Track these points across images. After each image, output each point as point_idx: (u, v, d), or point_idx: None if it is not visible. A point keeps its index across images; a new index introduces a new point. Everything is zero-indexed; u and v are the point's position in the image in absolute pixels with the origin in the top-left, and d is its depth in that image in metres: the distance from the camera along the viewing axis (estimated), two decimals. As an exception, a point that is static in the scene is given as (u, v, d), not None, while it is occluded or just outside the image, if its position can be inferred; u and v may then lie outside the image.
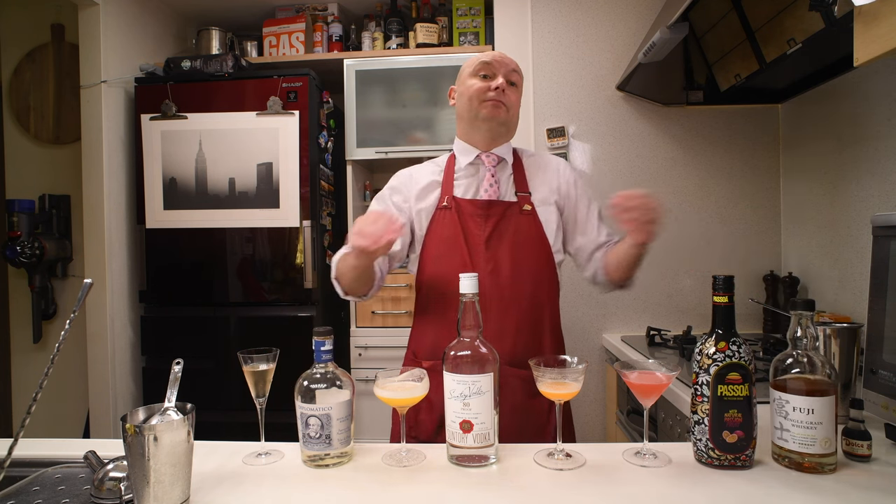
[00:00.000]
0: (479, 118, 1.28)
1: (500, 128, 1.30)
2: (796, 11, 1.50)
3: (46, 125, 2.80)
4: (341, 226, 2.67)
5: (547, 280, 1.29)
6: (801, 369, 0.89)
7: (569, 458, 0.94)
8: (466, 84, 1.30)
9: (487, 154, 1.31)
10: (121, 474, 0.83)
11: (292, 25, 2.64)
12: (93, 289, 2.03)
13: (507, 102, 1.28)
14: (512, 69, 1.30)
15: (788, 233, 2.27)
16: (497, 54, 1.30)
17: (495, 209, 1.26)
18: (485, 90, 1.27)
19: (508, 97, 1.28)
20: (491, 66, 1.28)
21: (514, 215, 1.27)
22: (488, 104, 1.27)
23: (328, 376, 0.94)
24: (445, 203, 1.29)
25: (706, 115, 2.34)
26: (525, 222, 1.27)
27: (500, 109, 1.27)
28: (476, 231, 1.25)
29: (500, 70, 1.28)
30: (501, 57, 1.30)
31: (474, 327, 0.94)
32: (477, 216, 1.26)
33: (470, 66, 1.31)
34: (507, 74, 1.28)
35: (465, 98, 1.31)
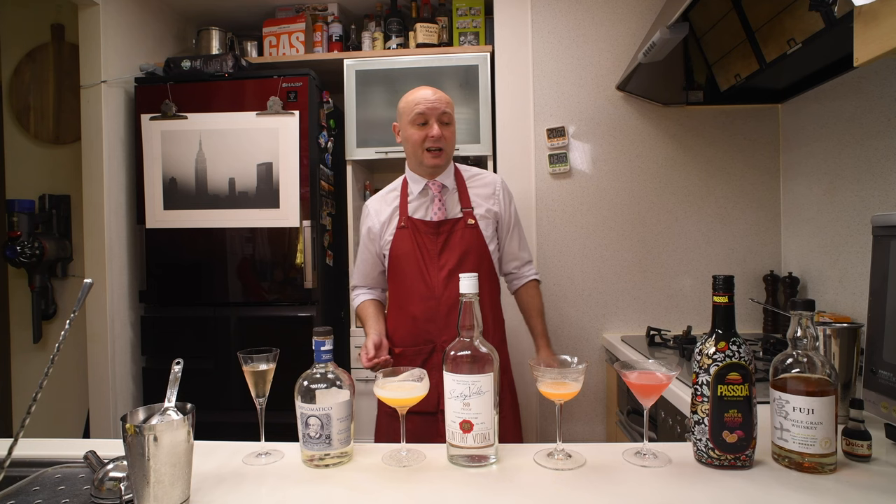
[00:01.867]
0: (424, 164, 1.56)
1: (441, 168, 1.58)
2: (796, 11, 1.50)
3: (46, 125, 2.80)
4: (341, 226, 2.67)
5: (488, 277, 1.59)
6: (801, 369, 0.89)
7: (569, 458, 0.94)
8: (407, 132, 1.56)
9: (434, 182, 1.60)
10: (121, 474, 0.83)
11: (292, 25, 2.64)
12: (93, 289, 2.03)
13: (445, 145, 1.54)
14: (442, 111, 1.53)
15: (788, 233, 2.27)
16: (428, 100, 1.52)
17: (444, 226, 1.56)
18: (423, 139, 1.53)
19: (445, 139, 1.54)
20: (424, 116, 1.52)
21: (461, 229, 1.57)
22: (429, 154, 1.54)
23: (328, 376, 0.94)
24: (403, 224, 1.59)
25: (706, 115, 2.34)
26: (469, 234, 1.57)
27: (439, 157, 1.55)
28: (430, 245, 1.55)
29: (432, 116, 1.52)
30: (432, 102, 1.52)
31: (473, 327, 0.94)
32: (430, 233, 1.56)
33: (408, 114, 1.54)
34: (439, 118, 1.53)
35: (408, 144, 1.58)
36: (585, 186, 2.38)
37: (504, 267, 1.72)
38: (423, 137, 1.52)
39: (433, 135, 1.51)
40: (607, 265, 2.35)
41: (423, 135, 1.52)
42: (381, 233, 1.63)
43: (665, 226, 2.36)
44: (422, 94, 1.54)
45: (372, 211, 1.67)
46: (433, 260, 1.54)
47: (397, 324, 1.62)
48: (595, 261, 2.37)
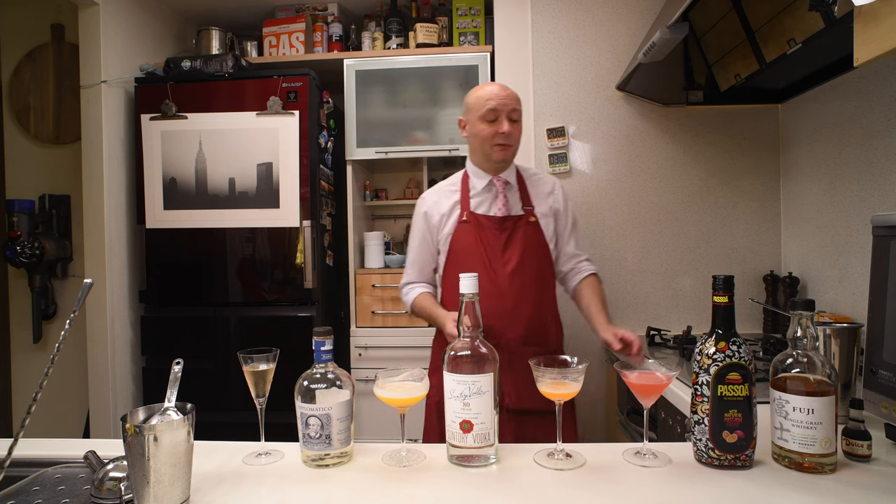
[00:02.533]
0: (491, 159, 1.55)
1: (508, 163, 1.59)
2: (796, 11, 1.50)
3: (46, 125, 2.80)
4: (341, 226, 2.67)
5: (549, 276, 1.61)
6: (801, 369, 0.89)
7: (569, 458, 0.94)
8: (477, 127, 1.54)
9: (498, 178, 1.59)
10: (121, 474, 0.82)
11: (292, 25, 2.64)
12: (93, 289, 2.03)
13: (513, 141, 1.54)
14: (513, 108, 1.53)
15: (788, 233, 2.27)
16: (499, 97, 1.51)
17: (508, 222, 1.56)
18: (493, 135, 1.52)
19: (513, 135, 1.53)
20: (496, 112, 1.51)
21: (523, 226, 1.56)
22: (497, 148, 1.53)
23: (328, 376, 0.94)
24: (465, 218, 1.57)
25: (706, 115, 2.34)
26: (531, 231, 1.57)
27: (507, 151, 1.55)
28: (493, 241, 1.54)
29: (503, 112, 1.51)
30: (504, 98, 1.52)
31: (474, 327, 0.94)
32: (494, 229, 1.55)
33: (478, 109, 1.53)
34: (509, 114, 1.52)
35: (476, 139, 1.56)
36: (585, 186, 2.38)
37: (561, 267, 1.68)
38: (494, 133, 1.52)
39: (503, 131, 1.51)
40: (607, 265, 2.35)
41: (494, 130, 1.52)
42: (439, 225, 1.60)
43: (665, 226, 2.36)
44: (492, 91, 1.54)
45: (430, 202, 1.64)
46: (497, 255, 1.53)
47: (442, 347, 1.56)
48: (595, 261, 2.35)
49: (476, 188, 1.60)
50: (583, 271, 1.67)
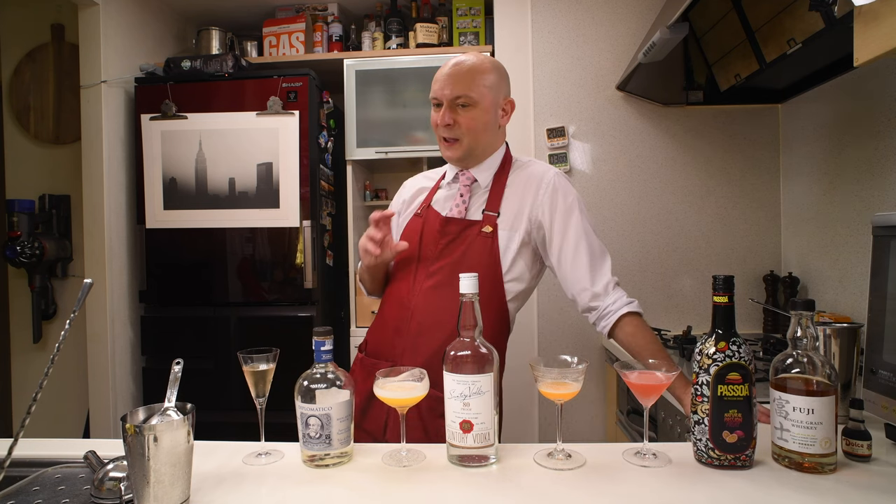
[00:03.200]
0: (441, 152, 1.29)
1: (461, 161, 1.28)
2: (796, 11, 1.50)
3: (46, 125, 2.80)
4: (341, 226, 2.67)
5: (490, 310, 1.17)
6: (801, 369, 0.89)
7: (569, 458, 0.94)
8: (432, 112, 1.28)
9: (463, 173, 1.30)
10: (121, 474, 0.82)
11: (292, 25, 2.64)
12: (93, 289, 2.02)
13: (461, 134, 1.22)
14: (458, 95, 1.20)
15: (788, 233, 2.27)
16: (444, 73, 1.23)
17: (452, 226, 1.24)
18: (436, 126, 1.25)
19: (460, 127, 1.22)
20: (436, 98, 1.23)
21: (471, 236, 1.23)
22: (442, 144, 1.27)
23: (328, 376, 0.94)
24: (419, 211, 1.33)
25: (706, 115, 2.34)
26: (479, 244, 1.21)
27: (452, 149, 1.25)
28: (429, 244, 1.25)
29: (444, 96, 1.22)
30: (448, 76, 1.22)
31: (473, 327, 0.94)
32: (435, 230, 1.26)
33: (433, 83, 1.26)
34: (452, 100, 1.21)
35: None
36: (585, 186, 2.38)
37: (576, 301, 1.26)
38: (436, 124, 1.25)
39: (441, 122, 1.23)
40: (607, 265, 2.35)
41: (435, 121, 1.25)
42: (402, 210, 1.39)
43: (665, 226, 2.36)
44: (440, 72, 1.25)
45: (407, 185, 1.43)
46: (427, 263, 1.25)
47: (374, 329, 1.37)
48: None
49: (446, 179, 1.35)
50: (610, 314, 1.21)
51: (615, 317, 1.20)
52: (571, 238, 1.23)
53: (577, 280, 1.23)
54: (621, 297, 1.22)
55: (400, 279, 1.29)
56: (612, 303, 1.21)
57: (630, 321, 1.20)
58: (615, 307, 1.21)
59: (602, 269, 1.23)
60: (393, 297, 1.30)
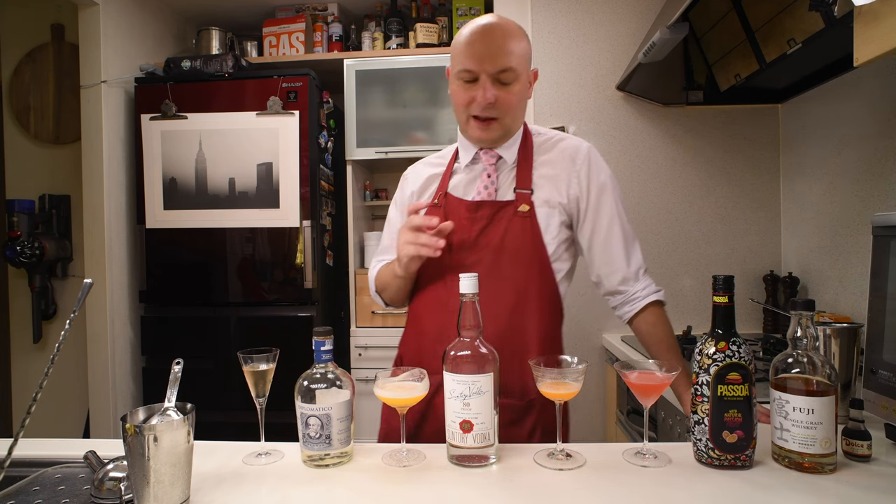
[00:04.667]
0: (468, 135, 1.16)
1: (495, 143, 1.16)
2: (796, 11, 1.50)
3: (46, 125, 2.80)
4: (341, 226, 2.67)
5: (535, 293, 1.11)
6: (801, 369, 0.89)
7: (569, 458, 0.94)
8: (453, 86, 1.13)
9: (486, 152, 1.17)
10: (121, 474, 0.82)
11: (292, 25, 2.64)
12: (93, 289, 2.02)
13: (500, 112, 1.10)
14: (501, 68, 1.06)
15: (788, 233, 2.27)
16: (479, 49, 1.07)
17: (483, 211, 1.13)
18: (468, 102, 1.10)
19: (501, 104, 1.09)
20: (471, 73, 1.07)
21: (507, 217, 1.12)
22: (475, 123, 1.11)
23: (328, 376, 0.94)
24: (437, 201, 1.18)
25: (706, 115, 2.34)
26: (519, 225, 1.11)
27: (490, 129, 1.11)
28: (462, 234, 1.13)
29: (483, 72, 1.07)
30: (484, 50, 1.06)
31: (474, 327, 0.94)
32: (464, 218, 1.13)
33: (455, 60, 1.11)
34: (494, 76, 1.07)
35: (454, 102, 1.15)
36: (585, 186, 2.37)
37: (602, 283, 1.19)
38: (469, 100, 1.09)
39: (480, 100, 1.07)
40: (607, 265, 2.35)
41: (470, 97, 1.09)
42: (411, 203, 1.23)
43: (665, 226, 2.36)
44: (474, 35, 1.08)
45: (409, 177, 1.28)
46: (462, 255, 1.12)
47: (408, 340, 1.22)
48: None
49: (461, 163, 1.20)
50: (637, 299, 1.16)
51: (643, 303, 1.16)
52: (605, 216, 1.16)
53: (610, 261, 1.16)
54: (650, 283, 1.18)
55: (431, 280, 1.15)
56: (642, 288, 1.17)
57: (654, 310, 1.16)
58: (644, 293, 1.16)
59: (635, 252, 1.18)
60: (429, 302, 1.16)
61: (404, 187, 1.29)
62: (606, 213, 1.16)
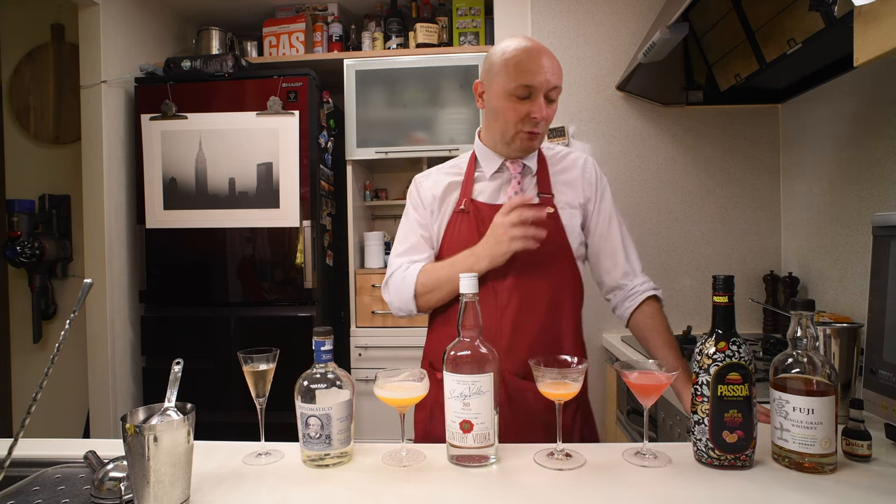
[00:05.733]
0: (513, 146, 1.21)
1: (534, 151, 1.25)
2: (796, 11, 1.50)
3: (46, 125, 2.80)
4: (341, 226, 2.67)
5: (569, 287, 1.21)
6: (801, 369, 0.89)
7: (569, 458, 0.94)
8: (500, 102, 1.17)
9: (514, 162, 1.24)
10: (121, 474, 0.82)
11: (292, 25, 2.64)
12: (93, 289, 2.03)
13: (544, 128, 1.19)
14: (553, 86, 1.15)
15: (788, 233, 2.27)
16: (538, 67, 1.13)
17: None
18: (523, 118, 1.15)
19: (547, 119, 1.18)
20: (531, 89, 1.13)
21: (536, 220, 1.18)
22: (525, 136, 1.18)
23: (328, 376, 0.94)
24: (463, 206, 1.23)
25: (706, 115, 2.34)
26: (548, 226, 1.17)
27: (536, 140, 1.20)
28: None
29: (541, 89, 1.14)
30: (543, 69, 1.13)
31: (474, 327, 0.94)
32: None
33: (506, 78, 1.15)
34: (548, 93, 1.15)
35: (498, 118, 1.19)
36: (585, 186, 2.37)
37: (604, 281, 1.28)
38: (524, 116, 1.15)
39: (537, 116, 1.14)
40: (607, 265, 2.35)
41: (524, 112, 1.14)
42: (432, 210, 1.27)
43: (665, 226, 2.36)
44: (530, 56, 1.13)
45: (424, 184, 1.30)
46: None
47: (441, 341, 1.19)
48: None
49: (484, 172, 1.25)
50: (636, 294, 1.24)
51: (641, 297, 1.23)
52: (606, 216, 1.27)
53: (610, 255, 1.26)
54: (649, 280, 1.27)
55: None
56: (641, 283, 1.25)
57: (652, 303, 1.24)
58: (642, 288, 1.24)
59: (634, 250, 1.28)
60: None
61: (422, 192, 1.30)
62: (607, 213, 1.28)
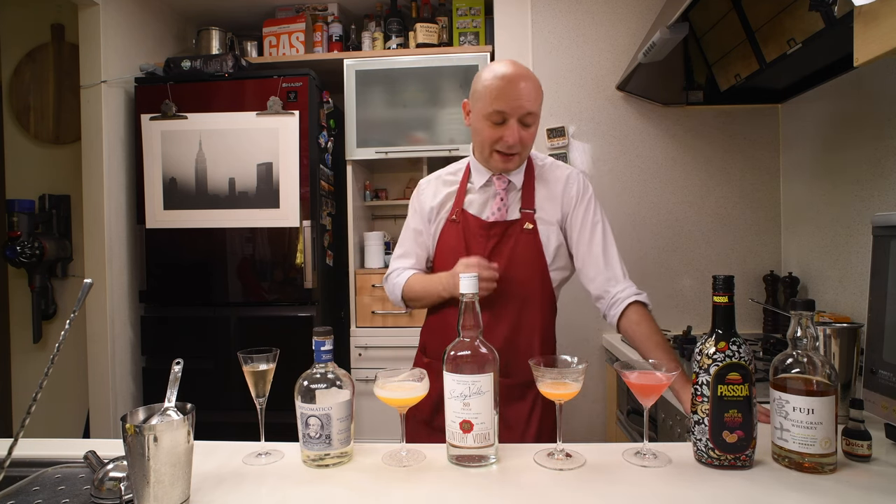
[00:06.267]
0: (490, 164, 1.31)
1: (511, 170, 1.34)
2: (796, 11, 1.50)
3: (46, 125, 2.80)
4: (341, 226, 2.67)
5: (538, 299, 1.31)
6: (801, 369, 0.89)
7: (569, 458, 0.94)
8: (479, 123, 1.27)
9: (500, 177, 1.34)
10: (121, 474, 0.82)
11: (292, 25, 2.64)
12: (93, 289, 2.03)
13: (521, 149, 1.27)
14: (527, 112, 1.23)
15: (788, 233, 2.27)
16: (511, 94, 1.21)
17: (496, 229, 1.32)
18: (495, 140, 1.25)
19: (522, 143, 1.26)
20: (502, 114, 1.22)
21: (515, 234, 1.31)
22: (498, 157, 1.28)
23: (328, 376, 0.94)
24: (454, 217, 1.36)
25: (706, 115, 2.34)
26: (524, 241, 1.30)
27: (511, 162, 1.29)
28: (477, 249, 1.31)
29: (513, 115, 1.22)
30: (517, 96, 1.21)
31: (474, 327, 0.94)
32: (480, 235, 1.32)
33: (483, 102, 1.24)
34: (522, 118, 1.24)
35: (477, 137, 1.30)
36: (585, 186, 2.38)
37: (589, 290, 1.35)
38: (496, 138, 1.25)
39: (508, 140, 1.23)
40: (607, 265, 2.35)
41: (496, 136, 1.25)
42: (430, 217, 1.41)
43: (665, 226, 2.36)
44: (505, 83, 1.21)
45: (426, 192, 1.43)
46: None
47: (432, 331, 1.41)
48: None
49: (475, 185, 1.37)
50: (619, 301, 1.28)
51: (623, 304, 1.27)
52: (589, 224, 1.33)
53: (593, 264, 1.32)
54: (631, 286, 1.31)
55: None
56: (622, 290, 1.29)
57: (637, 309, 1.27)
58: (624, 295, 1.28)
59: (616, 257, 1.33)
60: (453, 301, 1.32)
61: (423, 201, 1.44)
62: (590, 222, 1.34)
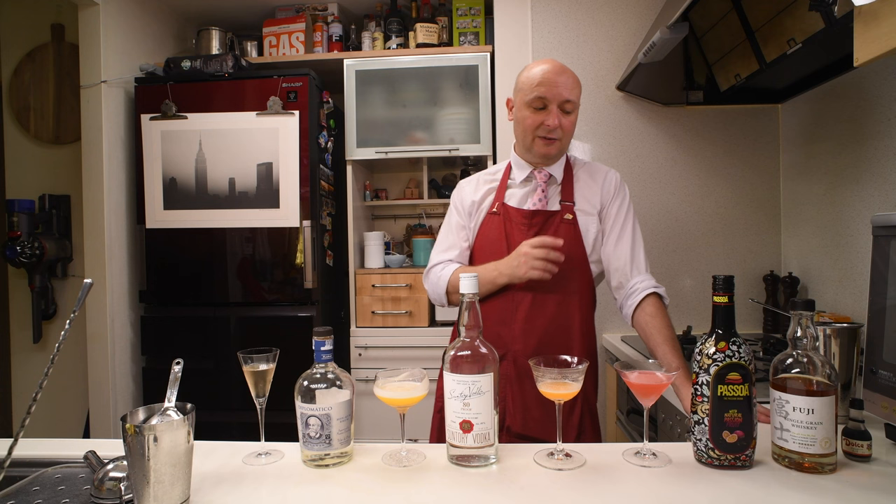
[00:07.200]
0: (532, 151, 1.37)
1: (553, 158, 1.39)
2: (796, 11, 1.50)
3: (46, 125, 2.80)
4: (341, 226, 2.67)
5: (577, 288, 1.34)
6: (801, 369, 0.89)
7: (569, 458, 0.94)
8: (521, 113, 1.35)
9: (540, 171, 1.40)
10: (121, 474, 0.82)
11: (292, 25, 2.64)
12: (93, 289, 2.02)
13: (562, 135, 1.33)
14: (566, 99, 1.30)
15: (788, 233, 2.27)
16: (552, 81, 1.29)
17: (538, 218, 1.36)
18: (538, 125, 1.32)
19: (563, 129, 1.32)
20: (544, 100, 1.30)
21: (556, 224, 1.35)
22: (541, 142, 1.34)
23: (328, 376, 0.94)
24: (495, 209, 1.41)
25: (706, 115, 2.34)
26: (565, 230, 1.34)
27: (552, 146, 1.34)
28: (518, 237, 1.34)
29: (554, 101, 1.30)
30: (556, 84, 1.29)
31: (475, 327, 0.94)
32: (521, 224, 1.37)
33: (525, 92, 1.33)
34: (562, 105, 1.31)
35: (519, 126, 1.38)
36: (585, 186, 2.37)
37: (611, 280, 1.39)
38: (538, 123, 1.32)
39: (549, 124, 1.30)
40: (607, 265, 2.35)
41: (539, 120, 1.32)
42: (471, 213, 1.45)
43: (665, 226, 2.36)
44: (545, 72, 1.31)
45: (466, 189, 1.48)
46: None
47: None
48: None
49: (515, 180, 1.42)
50: (637, 292, 1.33)
51: (642, 295, 1.31)
52: (622, 218, 1.38)
53: (619, 255, 1.36)
54: (650, 278, 1.35)
55: None
56: (641, 281, 1.33)
57: (654, 302, 1.31)
58: (643, 286, 1.32)
59: (642, 252, 1.38)
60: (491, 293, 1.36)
61: (463, 197, 1.48)
62: (622, 218, 1.39)
